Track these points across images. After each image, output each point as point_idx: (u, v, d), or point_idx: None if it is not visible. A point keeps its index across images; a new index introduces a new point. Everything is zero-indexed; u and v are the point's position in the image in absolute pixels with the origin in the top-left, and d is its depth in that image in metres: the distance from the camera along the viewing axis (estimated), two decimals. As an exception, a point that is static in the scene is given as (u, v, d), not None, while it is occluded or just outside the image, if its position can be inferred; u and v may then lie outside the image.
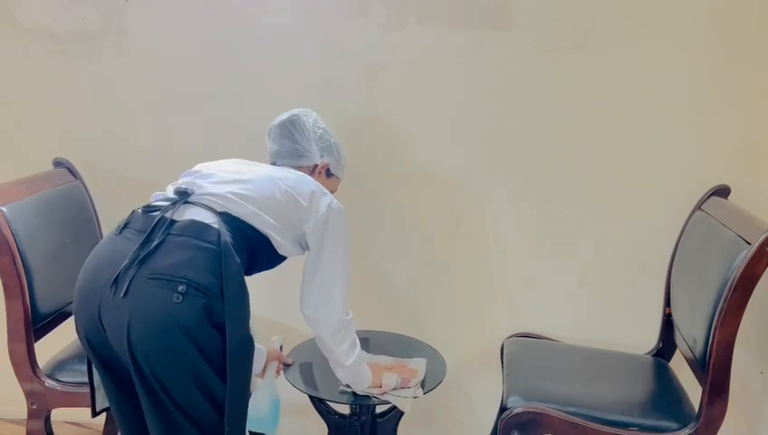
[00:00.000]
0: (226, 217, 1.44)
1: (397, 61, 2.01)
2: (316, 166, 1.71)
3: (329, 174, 1.75)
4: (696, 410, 1.56)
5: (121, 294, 1.31)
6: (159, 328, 1.30)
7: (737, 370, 1.54)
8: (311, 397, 1.84)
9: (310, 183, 1.59)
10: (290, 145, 1.69)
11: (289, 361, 1.83)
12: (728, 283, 1.46)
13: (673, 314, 1.89)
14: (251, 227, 1.48)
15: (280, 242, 1.54)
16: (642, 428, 1.57)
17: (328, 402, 1.90)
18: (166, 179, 2.15)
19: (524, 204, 2.05)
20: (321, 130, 1.72)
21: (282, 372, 1.78)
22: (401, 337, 2.09)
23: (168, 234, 1.38)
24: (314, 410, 1.94)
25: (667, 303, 1.93)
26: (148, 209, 1.46)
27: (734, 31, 1.86)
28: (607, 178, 2.00)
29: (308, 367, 1.89)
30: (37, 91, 2.17)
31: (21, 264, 1.69)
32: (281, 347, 1.84)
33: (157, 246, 1.36)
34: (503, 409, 1.65)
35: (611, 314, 2.07)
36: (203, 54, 2.09)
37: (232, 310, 1.35)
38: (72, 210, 2.00)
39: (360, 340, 2.07)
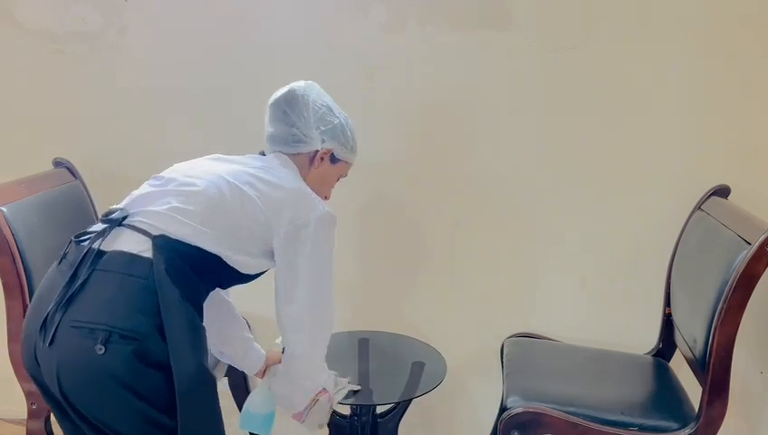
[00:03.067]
0: (162, 242, 1.25)
1: (397, 61, 2.01)
2: (317, 152, 1.49)
3: (334, 160, 1.52)
4: (696, 410, 1.56)
5: (48, 343, 1.21)
6: (89, 380, 1.20)
7: (737, 370, 1.54)
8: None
9: (284, 189, 1.38)
10: (285, 129, 1.47)
11: None
12: (728, 283, 1.46)
13: (673, 314, 1.89)
14: (197, 248, 1.28)
15: (238, 260, 1.34)
16: (642, 428, 1.56)
17: (328, 402, 1.90)
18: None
19: (524, 203, 2.05)
20: (323, 110, 1.48)
21: (265, 374, 1.67)
22: (401, 337, 2.09)
23: (94, 269, 1.23)
24: (314, 410, 1.94)
25: (667, 303, 1.93)
26: (80, 238, 1.31)
27: (734, 31, 1.86)
28: (607, 177, 1.99)
29: (308, 367, 1.89)
30: (37, 91, 2.17)
31: (21, 264, 1.69)
32: (284, 350, 1.80)
33: (82, 285, 1.22)
34: (503, 409, 1.65)
35: (611, 314, 2.07)
36: (203, 54, 2.09)
37: (176, 347, 1.21)
38: (71, 210, 2.00)
39: (360, 340, 2.08)
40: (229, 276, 1.38)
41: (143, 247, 1.25)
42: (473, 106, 2.01)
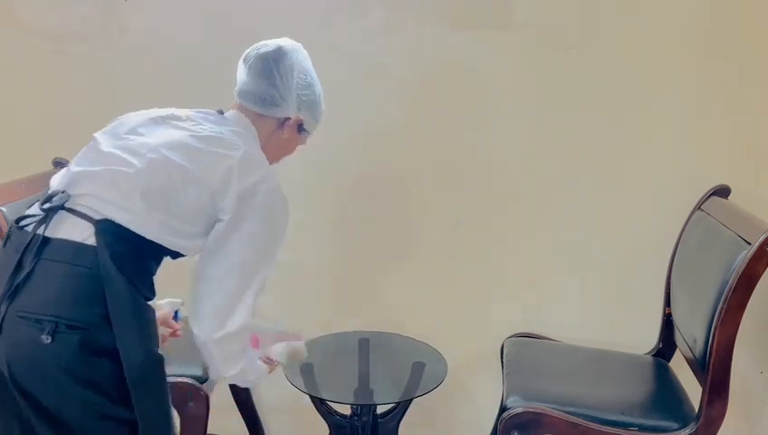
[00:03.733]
0: (105, 227, 1.22)
1: (397, 61, 2.01)
2: (288, 119, 1.41)
3: (301, 129, 1.45)
4: (696, 410, 1.56)
5: None
6: (38, 369, 1.18)
7: (737, 370, 1.54)
8: (311, 397, 1.84)
9: (233, 157, 1.28)
10: (265, 88, 1.38)
11: (179, 332, 1.53)
12: (728, 283, 1.46)
13: (673, 314, 1.89)
14: (137, 235, 1.24)
15: (180, 244, 1.29)
16: (642, 428, 1.56)
17: (329, 403, 1.90)
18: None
19: (524, 204, 2.05)
20: (307, 77, 1.41)
21: (167, 342, 1.48)
22: (401, 337, 2.09)
23: (40, 259, 1.20)
24: (315, 410, 1.94)
25: (667, 303, 1.93)
26: (22, 222, 1.26)
27: (735, 31, 1.86)
28: (607, 178, 1.99)
29: (308, 368, 1.89)
30: (37, 91, 2.17)
31: (21, 264, 1.68)
32: (176, 313, 1.56)
33: (28, 275, 1.19)
34: (503, 409, 1.65)
35: (611, 314, 2.07)
36: (203, 54, 2.09)
37: (124, 335, 1.19)
38: (72, 210, 1.99)
39: (360, 340, 2.08)
40: (173, 255, 1.32)
41: (86, 234, 1.22)
42: (473, 106, 2.01)
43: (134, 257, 1.24)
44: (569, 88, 1.95)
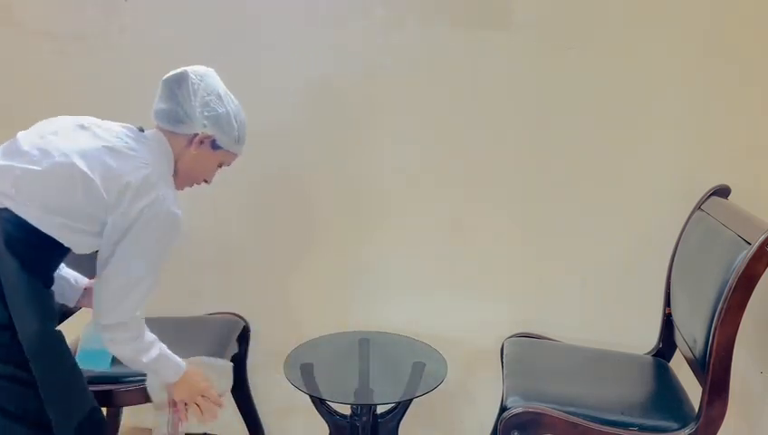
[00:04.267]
0: (4, 214, 1.35)
1: (397, 61, 2.01)
2: (196, 135, 1.51)
3: (215, 146, 1.54)
4: (696, 410, 1.56)
5: None
6: None
7: (737, 370, 1.54)
8: (311, 397, 1.84)
9: (137, 174, 1.41)
10: (170, 107, 1.50)
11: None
12: (728, 283, 1.46)
13: (673, 314, 1.89)
14: (34, 228, 1.36)
15: (77, 241, 1.42)
16: (642, 428, 1.56)
17: (329, 403, 1.90)
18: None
19: (524, 203, 2.05)
20: (210, 97, 1.51)
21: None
22: (401, 337, 2.09)
23: None
24: (315, 410, 1.94)
25: (667, 303, 1.93)
26: None
27: (735, 31, 1.86)
28: (607, 177, 2.00)
29: (308, 368, 1.89)
30: (37, 91, 2.17)
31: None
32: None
33: None
34: (503, 409, 1.65)
35: (611, 314, 2.07)
36: (203, 55, 2.08)
37: (17, 312, 1.32)
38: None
39: (360, 340, 2.08)
40: (66, 253, 1.45)
41: None
42: (473, 106, 2.01)
43: (29, 246, 1.36)
44: (569, 88, 1.95)
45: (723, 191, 1.88)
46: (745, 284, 1.43)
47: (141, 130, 1.54)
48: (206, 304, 2.20)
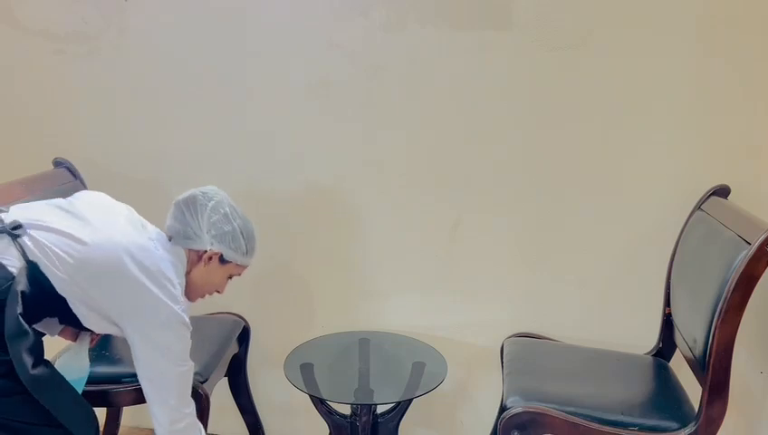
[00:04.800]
0: (33, 267, 1.40)
1: (397, 61, 2.01)
2: (205, 252, 1.60)
3: (223, 261, 1.63)
4: (696, 410, 1.56)
5: None
6: None
7: (737, 370, 1.54)
8: (312, 397, 1.84)
9: (159, 280, 1.49)
10: (180, 227, 1.59)
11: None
12: (728, 283, 1.46)
13: (673, 314, 1.89)
14: (57, 293, 1.42)
15: (84, 314, 1.47)
16: (642, 428, 1.57)
17: (329, 403, 1.90)
18: (165, 179, 2.16)
19: (524, 203, 2.05)
20: (217, 216, 1.60)
21: (96, 342, 1.76)
22: (401, 337, 2.09)
23: None
24: (315, 410, 1.94)
25: (667, 303, 1.93)
26: None
27: (735, 30, 1.86)
28: (607, 177, 1.99)
29: (309, 368, 1.89)
30: (37, 91, 2.17)
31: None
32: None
33: None
34: (503, 409, 1.65)
35: (611, 314, 2.07)
36: (203, 55, 2.09)
37: (14, 353, 1.36)
38: (71, 210, 2.00)
39: (360, 340, 2.08)
40: (72, 321, 1.49)
41: (14, 263, 1.38)
42: (473, 106, 2.01)
43: (38, 303, 1.40)
44: (568, 88, 1.95)
45: (723, 191, 1.88)
46: (745, 284, 1.44)
47: (170, 239, 1.61)
48: (206, 304, 2.20)
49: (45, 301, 1.42)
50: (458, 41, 1.97)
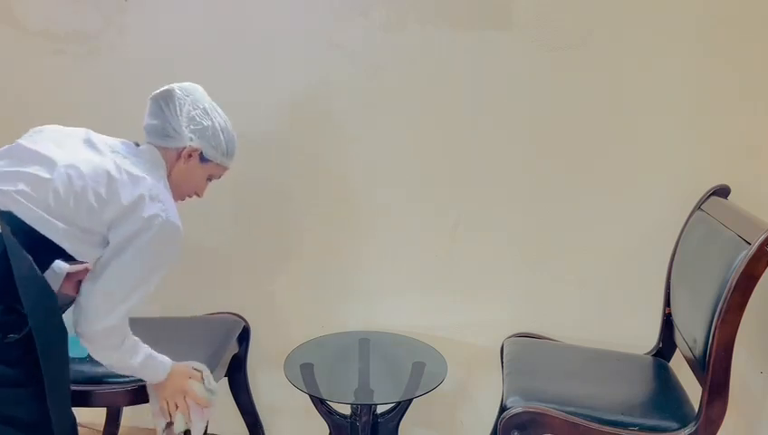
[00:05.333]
0: (8, 217, 1.35)
1: (397, 61, 2.01)
2: (184, 148, 1.57)
3: (203, 159, 1.60)
4: (696, 410, 1.56)
5: None
6: None
7: (737, 370, 1.54)
8: (311, 397, 1.84)
9: (140, 187, 1.45)
10: (158, 123, 1.56)
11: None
12: (728, 283, 1.45)
13: (673, 313, 1.89)
14: (37, 231, 1.38)
15: (81, 251, 1.44)
16: (642, 428, 1.56)
17: (329, 403, 1.90)
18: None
19: (524, 203, 2.05)
20: (197, 111, 1.58)
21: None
22: (401, 337, 2.09)
23: None
24: (315, 410, 1.94)
25: (667, 303, 1.93)
26: None
27: (735, 30, 1.86)
28: (607, 177, 1.99)
29: (309, 368, 1.89)
30: (37, 91, 2.17)
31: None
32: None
33: None
34: (503, 409, 1.65)
35: (611, 314, 2.07)
36: (203, 55, 2.09)
37: (30, 308, 1.33)
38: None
39: (360, 340, 2.08)
40: (66, 257, 1.47)
41: None
42: (473, 106, 2.01)
43: (33, 250, 1.36)
44: (568, 88, 1.95)
45: (723, 191, 1.88)
46: (745, 284, 1.43)
47: (137, 144, 1.58)
48: (206, 304, 2.21)
49: (35, 247, 1.37)
50: (458, 41, 1.97)
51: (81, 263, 1.59)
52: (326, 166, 2.12)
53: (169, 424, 1.62)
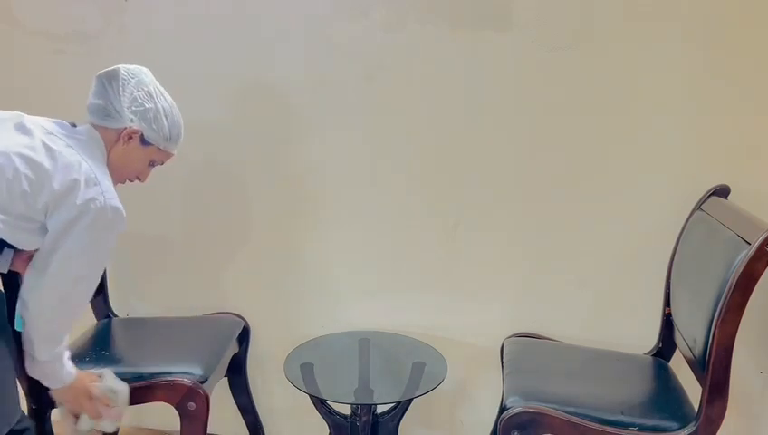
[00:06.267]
0: None
1: (397, 61, 2.01)
2: (125, 129, 1.54)
3: (144, 142, 1.58)
4: (696, 410, 1.56)
5: None
6: None
7: (737, 370, 1.54)
8: (312, 397, 1.84)
9: (73, 171, 1.41)
10: (100, 103, 1.54)
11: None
12: (728, 283, 1.46)
13: (673, 313, 1.89)
14: None
15: (19, 239, 1.40)
16: (642, 428, 1.57)
17: (329, 403, 1.90)
18: (164, 179, 2.16)
19: (524, 204, 2.05)
20: (140, 93, 1.56)
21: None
22: (401, 337, 2.09)
23: None
24: (315, 410, 1.94)
25: (667, 303, 1.93)
26: None
27: (734, 30, 1.86)
28: (607, 177, 1.99)
29: (309, 367, 1.89)
30: (37, 91, 2.17)
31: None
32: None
33: None
34: (502, 409, 1.65)
35: (611, 314, 2.07)
36: (202, 55, 2.09)
37: None
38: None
39: (360, 340, 2.08)
40: (11, 250, 1.43)
41: None
42: (473, 106, 2.01)
43: None
44: (568, 88, 1.95)
45: (723, 191, 1.88)
46: (745, 283, 1.44)
47: (74, 125, 1.55)
48: (206, 304, 2.21)
49: None
50: (458, 41, 1.97)
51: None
52: (325, 166, 2.12)
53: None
